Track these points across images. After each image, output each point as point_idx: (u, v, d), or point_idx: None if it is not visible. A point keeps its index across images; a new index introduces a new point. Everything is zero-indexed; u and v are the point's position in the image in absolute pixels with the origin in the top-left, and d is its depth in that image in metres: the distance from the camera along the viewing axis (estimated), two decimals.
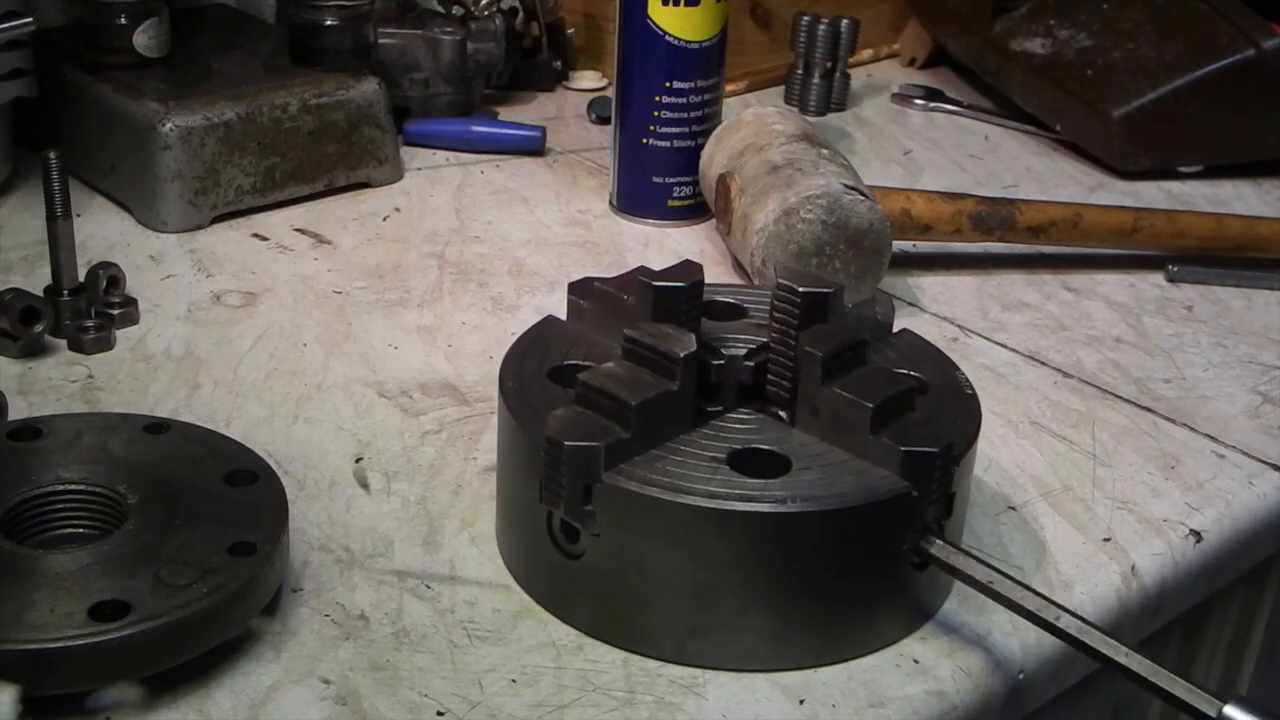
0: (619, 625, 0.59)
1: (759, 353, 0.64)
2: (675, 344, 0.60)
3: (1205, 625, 0.83)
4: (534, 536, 0.61)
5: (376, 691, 0.57)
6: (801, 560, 0.57)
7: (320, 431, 0.74)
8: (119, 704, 0.55)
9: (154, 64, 0.99)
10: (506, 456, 0.63)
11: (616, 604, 0.59)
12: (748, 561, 0.57)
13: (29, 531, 0.60)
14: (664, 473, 0.57)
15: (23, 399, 0.75)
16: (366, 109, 1.01)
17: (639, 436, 0.58)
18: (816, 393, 0.60)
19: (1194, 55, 1.11)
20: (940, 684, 0.59)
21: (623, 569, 0.58)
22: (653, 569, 0.58)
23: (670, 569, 0.58)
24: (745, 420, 0.62)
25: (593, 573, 0.59)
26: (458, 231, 0.97)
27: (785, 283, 0.63)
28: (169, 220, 0.94)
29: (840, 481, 0.58)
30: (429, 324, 0.85)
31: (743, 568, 0.57)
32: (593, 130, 1.16)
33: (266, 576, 0.58)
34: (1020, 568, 0.66)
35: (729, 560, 0.57)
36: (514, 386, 0.63)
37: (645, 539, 0.57)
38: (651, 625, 0.59)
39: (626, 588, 0.59)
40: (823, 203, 0.84)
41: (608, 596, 0.59)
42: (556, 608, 0.61)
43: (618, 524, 0.57)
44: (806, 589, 0.58)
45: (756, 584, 0.57)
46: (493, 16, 1.13)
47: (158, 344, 0.81)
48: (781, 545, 0.57)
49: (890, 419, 0.59)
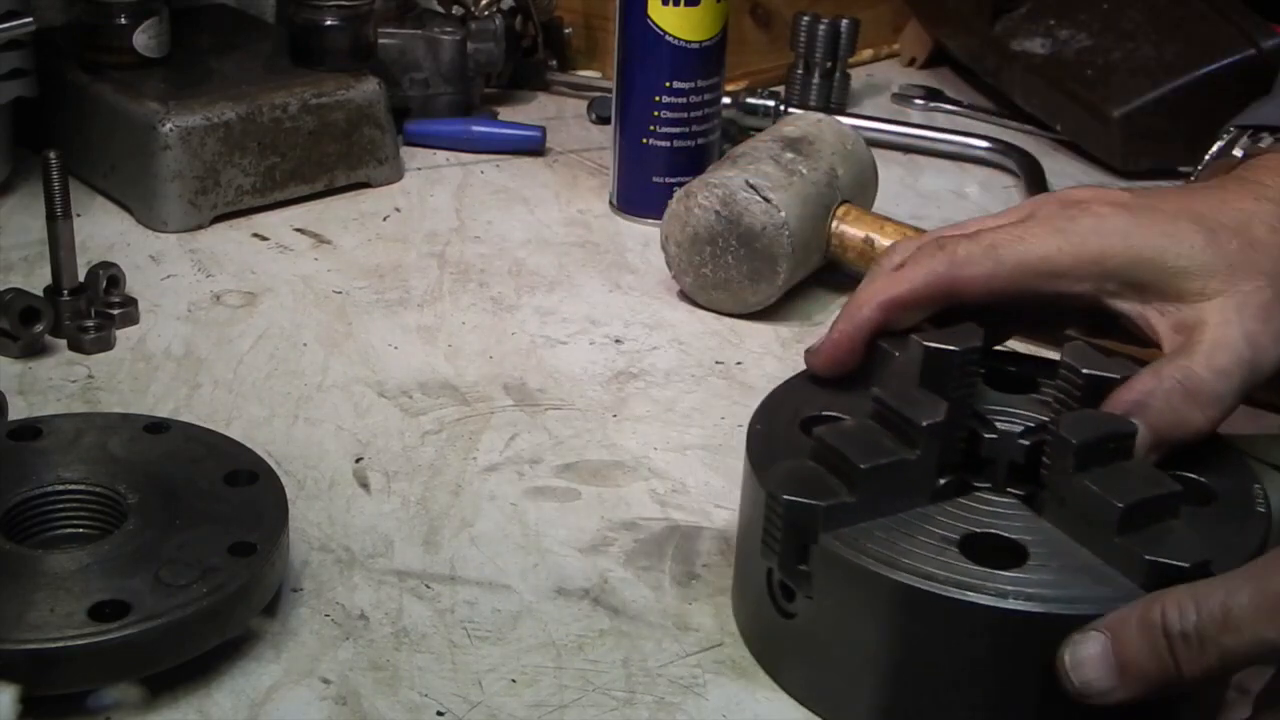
0: (823, 694, 0.56)
1: (1035, 432, 0.59)
2: (922, 411, 0.55)
3: None
4: (757, 591, 0.58)
5: (376, 691, 0.57)
6: (1018, 662, 0.52)
7: (320, 431, 0.74)
8: (119, 704, 0.55)
9: (154, 64, 0.99)
10: (745, 504, 0.60)
11: (823, 672, 0.56)
12: (959, 655, 0.53)
13: (29, 531, 0.60)
14: (885, 544, 0.53)
15: (23, 399, 0.75)
16: (366, 109, 1.01)
17: (865, 502, 0.54)
18: (1066, 482, 0.55)
19: (1194, 55, 1.11)
20: None
21: (831, 637, 0.55)
22: (858, 641, 0.54)
23: (875, 645, 0.54)
24: (994, 503, 0.57)
25: (803, 636, 0.56)
26: (458, 231, 0.97)
27: (1069, 361, 0.59)
28: (169, 220, 0.94)
29: (1074, 583, 0.52)
30: (429, 324, 0.85)
31: (952, 660, 0.53)
32: (593, 130, 1.16)
33: (266, 576, 0.58)
34: None
35: (938, 648, 0.53)
36: (761, 430, 0.60)
37: (854, 610, 0.54)
38: (852, 699, 0.55)
39: (833, 657, 0.55)
40: (719, 193, 0.85)
41: (816, 662, 0.56)
42: (770, 667, 0.59)
43: (829, 590, 0.54)
44: (1019, 694, 0.53)
45: (965, 680, 0.53)
46: (493, 16, 1.13)
47: (158, 344, 0.81)
48: (997, 643, 0.52)
49: (1145, 523, 0.53)
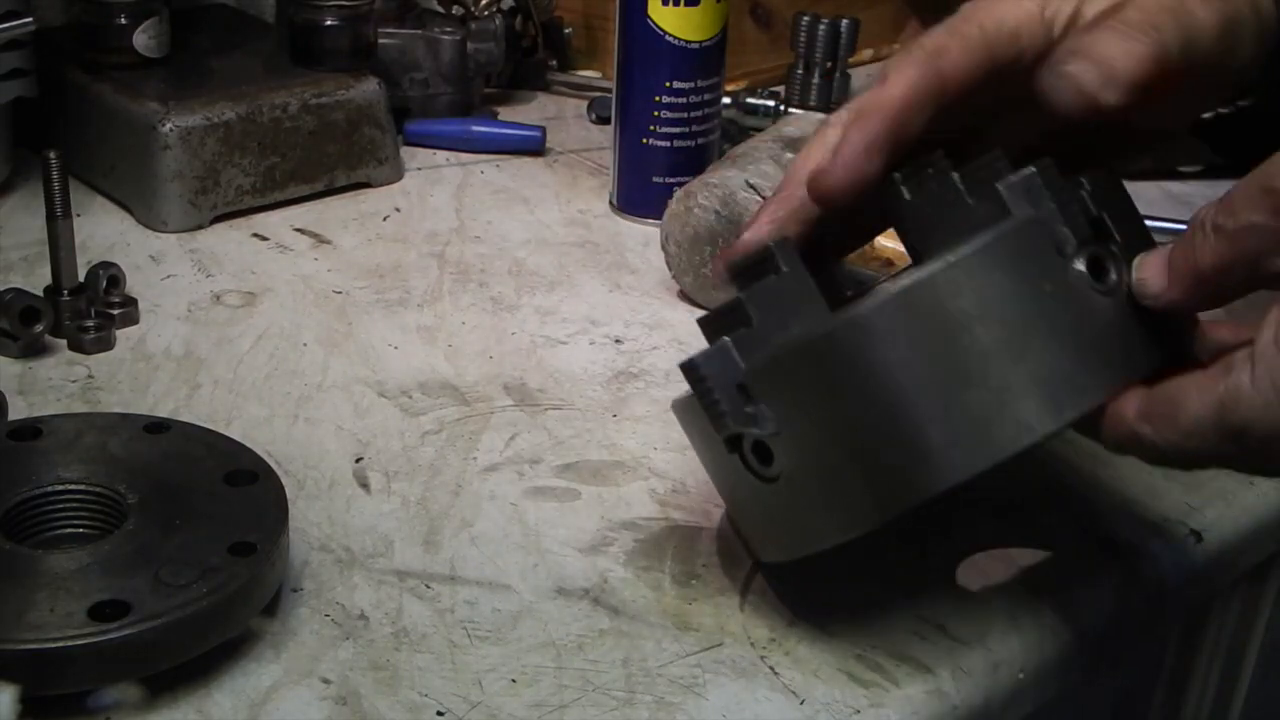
0: (832, 519, 0.55)
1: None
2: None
3: (1205, 625, 0.83)
4: (742, 488, 0.58)
5: (376, 691, 0.57)
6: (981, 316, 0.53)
7: (320, 431, 0.74)
8: (119, 704, 0.55)
9: (154, 64, 0.99)
10: (697, 444, 0.61)
11: (828, 492, 0.55)
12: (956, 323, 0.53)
13: (29, 531, 0.60)
14: (804, 319, 0.55)
15: (23, 399, 0.75)
16: (366, 109, 1.01)
17: (767, 322, 0.55)
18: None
19: None
20: (940, 684, 0.59)
21: (816, 449, 0.54)
22: (841, 430, 0.53)
23: (858, 412, 0.53)
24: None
25: (795, 478, 0.55)
26: (458, 231, 0.97)
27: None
28: (169, 220, 0.94)
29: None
30: (429, 324, 0.85)
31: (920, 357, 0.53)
32: (593, 130, 1.16)
33: (266, 576, 0.58)
34: (1021, 568, 0.66)
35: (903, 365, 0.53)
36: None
37: (818, 399, 0.54)
38: (857, 494, 0.54)
39: (830, 467, 0.54)
40: (719, 193, 0.85)
41: (820, 489, 0.55)
42: (797, 553, 0.58)
43: (786, 399, 0.54)
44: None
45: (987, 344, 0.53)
46: (493, 16, 1.13)
47: (158, 344, 0.81)
48: (948, 309, 0.52)
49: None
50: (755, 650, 0.60)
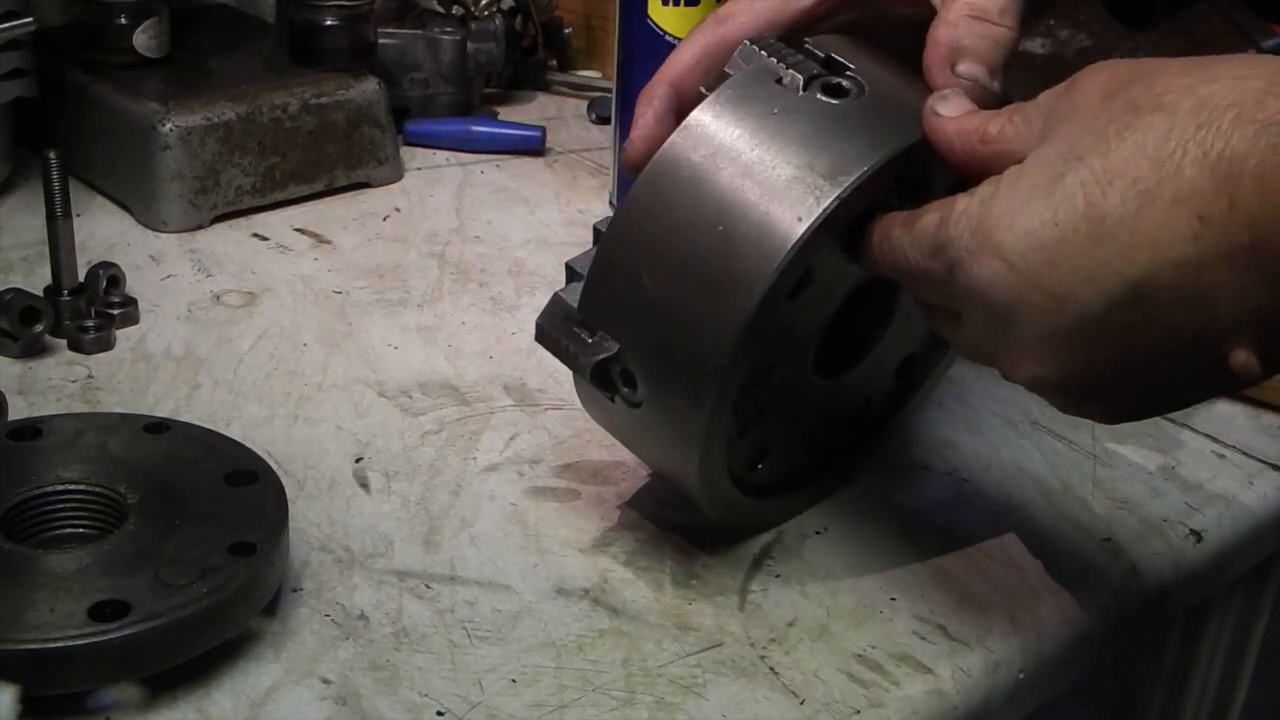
0: (699, 370, 0.58)
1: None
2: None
3: (1205, 625, 0.83)
4: (640, 436, 0.63)
5: (376, 691, 0.57)
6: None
7: (320, 431, 0.74)
8: (119, 704, 0.55)
9: (154, 64, 0.99)
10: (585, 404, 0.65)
11: (690, 364, 0.58)
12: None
13: (29, 531, 0.60)
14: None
15: (23, 399, 0.75)
16: (366, 109, 1.01)
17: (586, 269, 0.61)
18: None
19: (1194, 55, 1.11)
20: (940, 684, 0.59)
21: (653, 341, 0.59)
22: (654, 308, 0.58)
23: (662, 276, 0.58)
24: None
25: (656, 379, 0.59)
26: (458, 231, 0.97)
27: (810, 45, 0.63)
28: (169, 220, 0.94)
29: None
30: (429, 324, 0.85)
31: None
32: (593, 130, 1.16)
33: (266, 576, 0.58)
34: (1021, 568, 0.66)
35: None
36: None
37: (629, 299, 0.59)
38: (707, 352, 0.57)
39: (668, 347, 0.58)
40: None
41: (684, 373, 0.58)
42: (709, 465, 0.61)
43: (610, 312, 0.60)
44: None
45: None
46: (493, 16, 1.13)
47: (158, 344, 0.81)
48: (692, 163, 0.58)
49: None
50: (755, 650, 0.60)
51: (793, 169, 0.56)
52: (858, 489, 0.71)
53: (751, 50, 0.60)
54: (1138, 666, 0.80)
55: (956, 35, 0.59)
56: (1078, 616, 0.65)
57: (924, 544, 0.68)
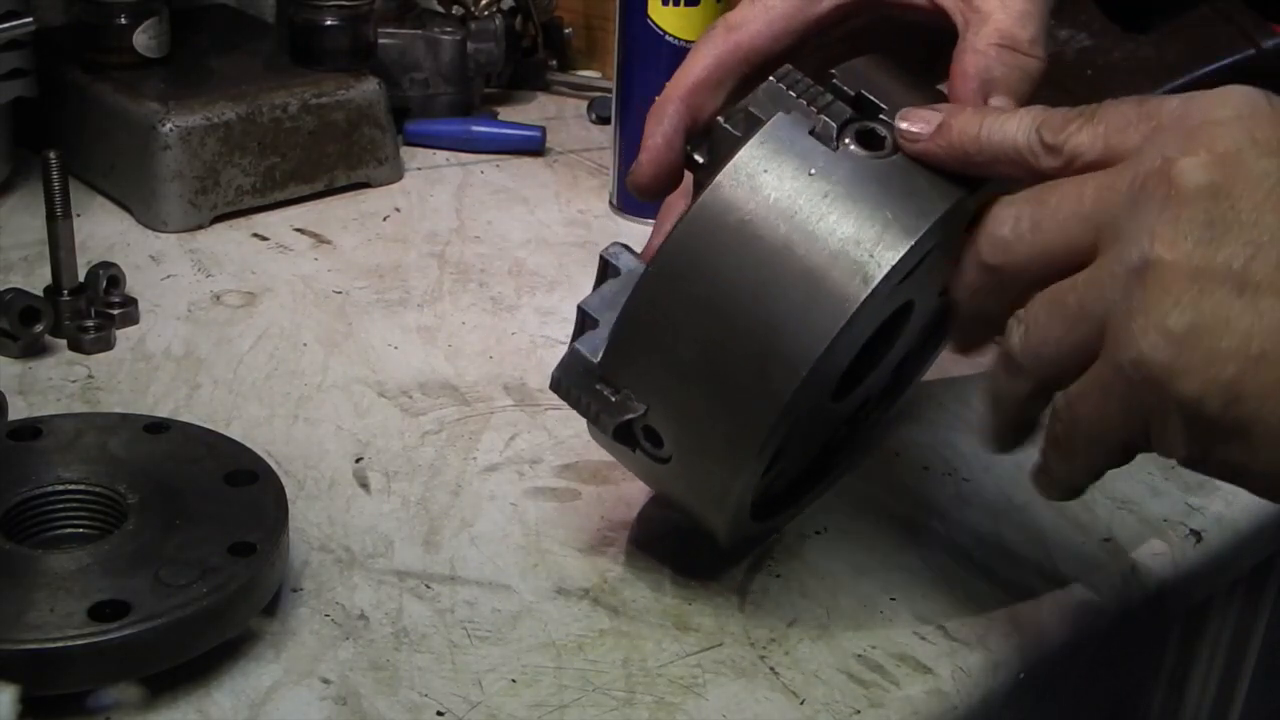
0: (736, 439, 0.56)
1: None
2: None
3: (1205, 625, 0.83)
4: (664, 481, 0.61)
5: (376, 691, 0.57)
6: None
7: (320, 431, 0.74)
8: (119, 704, 0.55)
9: (154, 64, 0.99)
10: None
11: (720, 427, 0.56)
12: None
13: (29, 531, 0.60)
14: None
15: (23, 399, 0.75)
16: (366, 109, 1.01)
17: (606, 320, 0.58)
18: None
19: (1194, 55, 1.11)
20: (940, 684, 0.59)
21: (684, 404, 0.56)
22: (688, 369, 0.56)
23: (697, 342, 0.55)
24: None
25: (684, 442, 0.58)
26: (458, 231, 0.97)
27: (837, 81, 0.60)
28: (169, 220, 0.94)
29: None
30: (429, 324, 0.85)
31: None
32: (593, 130, 1.16)
33: (266, 576, 0.58)
34: (1020, 568, 0.66)
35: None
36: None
37: (659, 358, 0.56)
38: (748, 424, 0.56)
39: (701, 413, 0.56)
40: None
41: (711, 431, 0.57)
42: (733, 518, 0.60)
43: (638, 372, 0.57)
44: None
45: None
46: (493, 16, 1.13)
47: (158, 344, 0.81)
48: (729, 226, 0.55)
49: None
50: (755, 650, 0.60)
51: (838, 241, 0.54)
52: (858, 489, 0.71)
53: (778, 90, 0.57)
54: (1138, 666, 0.80)
55: (987, 66, 0.58)
56: (1078, 617, 0.65)
57: (924, 544, 0.68)
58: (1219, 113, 0.49)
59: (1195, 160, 0.48)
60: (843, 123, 0.56)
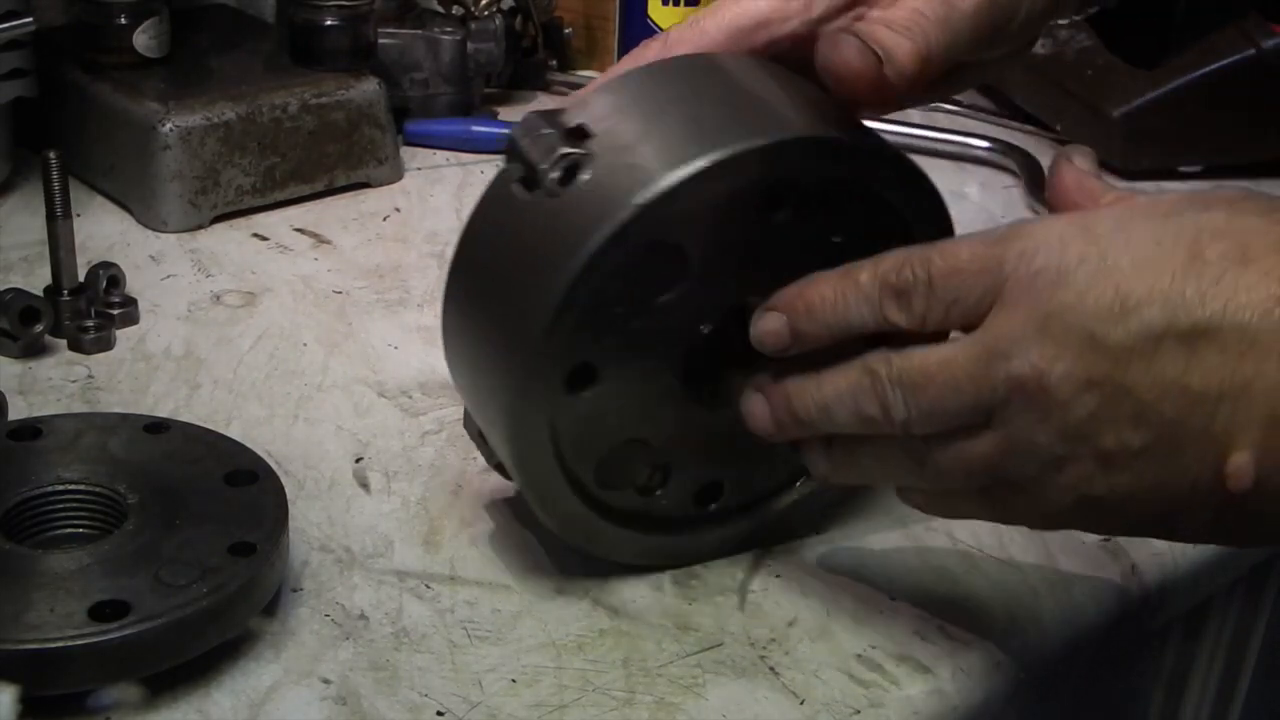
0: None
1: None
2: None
3: (1205, 625, 0.83)
4: (572, 515, 0.62)
5: (376, 691, 0.57)
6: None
7: (320, 431, 0.74)
8: (119, 704, 0.55)
9: (154, 64, 0.99)
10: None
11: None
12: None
13: (29, 531, 0.60)
14: None
15: (23, 399, 0.75)
16: (366, 109, 1.01)
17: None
18: None
19: (1194, 55, 1.11)
20: (940, 684, 0.59)
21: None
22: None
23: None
24: None
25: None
26: (458, 231, 0.97)
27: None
28: (169, 220, 0.94)
29: None
30: (429, 324, 0.85)
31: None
32: None
33: (266, 576, 0.58)
34: (1020, 568, 0.66)
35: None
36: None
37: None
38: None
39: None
40: None
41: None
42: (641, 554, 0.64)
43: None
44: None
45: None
46: (493, 16, 1.13)
47: (158, 344, 0.81)
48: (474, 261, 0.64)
49: None
50: (755, 650, 0.60)
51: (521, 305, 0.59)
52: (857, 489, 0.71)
53: (519, 130, 0.61)
54: (1138, 666, 0.80)
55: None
56: (1078, 616, 0.65)
57: (924, 544, 0.68)
58: (1063, 295, 0.51)
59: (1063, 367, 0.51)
60: (550, 162, 0.59)
